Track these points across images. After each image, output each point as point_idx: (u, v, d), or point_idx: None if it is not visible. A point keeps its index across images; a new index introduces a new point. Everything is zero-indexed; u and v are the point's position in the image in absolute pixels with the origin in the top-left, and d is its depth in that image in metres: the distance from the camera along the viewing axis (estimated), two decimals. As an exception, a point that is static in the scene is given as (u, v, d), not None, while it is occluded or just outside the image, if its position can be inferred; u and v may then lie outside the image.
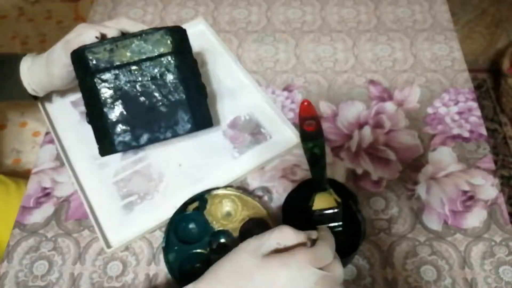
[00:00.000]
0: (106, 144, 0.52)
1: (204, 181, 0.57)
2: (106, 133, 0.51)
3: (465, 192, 0.55)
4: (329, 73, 0.68)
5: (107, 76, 0.50)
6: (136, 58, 0.50)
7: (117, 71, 0.50)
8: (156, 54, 0.51)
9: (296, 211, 0.48)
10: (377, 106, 0.64)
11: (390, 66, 0.68)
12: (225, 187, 0.54)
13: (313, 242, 0.37)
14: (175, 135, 0.52)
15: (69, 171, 0.57)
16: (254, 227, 0.52)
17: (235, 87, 0.66)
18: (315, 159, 0.41)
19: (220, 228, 0.51)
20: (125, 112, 0.51)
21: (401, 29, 0.73)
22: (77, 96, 0.65)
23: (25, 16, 1.69)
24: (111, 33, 0.52)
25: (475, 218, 0.53)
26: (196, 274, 0.49)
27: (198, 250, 0.50)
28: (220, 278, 0.36)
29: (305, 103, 0.38)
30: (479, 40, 1.38)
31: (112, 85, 0.50)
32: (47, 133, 0.63)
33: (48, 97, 0.64)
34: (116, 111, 0.51)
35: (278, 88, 0.66)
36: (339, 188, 0.47)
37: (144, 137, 0.52)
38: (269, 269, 0.34)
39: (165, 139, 0.53)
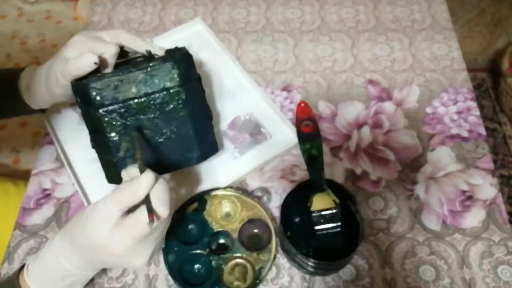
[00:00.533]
0: (113, 175, 0.51)
1: (206, 182, 0.57)
2: (113, 166, 0.50)
3: (464, 192, 0.55)
4: (328, 73, 0.68)
5: (112, 111, 0.47)
6: (142, 93, 0.47)
7: (122, 107, 0.47)
8: (163, 88, 0.48)
9: (295, 212, 0.48)
10: (376, 106, 0.64)
11: (389, 65, 0.68)
12: (225, 188, 0.54)
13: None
14: (183, 167, 0.51)
15: (70, 174, 0.57)
16: (253, 227, 0.52)
17: (234, 87, 0.66)
18: (313, 160, 0.42)
19: (220, 229, 0.52)
20: (131, 147, 0.49)
21: (400, 29, 0.73)
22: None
23: (25, 16, 1.69)
24: (110, 50, 0.48)
25: (473, 218, 0.53)
26: (196, 274, 0.49)
27: (198, 251, 0.50)
28: (79, 251, 0.41)
29: (302, 105, 0.38)
30: (478, 39, 1.38)
31: (118, 121, 0.48)
32: (47, 134, 0.63)
33: None
34: (122, 146, 0.49)
35: (277, 88, 0.66)
36: (337, 189, 0.47)
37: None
38: (115, 243, 0.38)
39: (171, 171, 0.52)
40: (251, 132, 0.61)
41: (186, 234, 0.52)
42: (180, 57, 0.48)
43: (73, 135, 0.62)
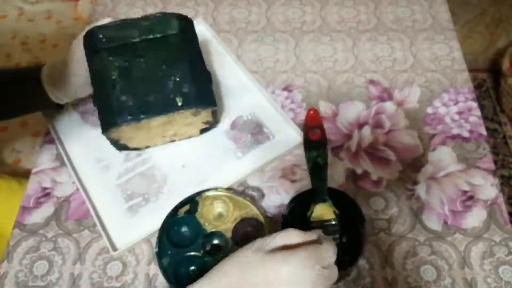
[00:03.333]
0: (109, 118, 0.51)
1: (208, 182, 0.57)
2: (109, 106, 0.51)
3: (464, 192, 0.55)
4: (329, 73, 0.68)
5: (115, 51, 0.52)
6: (144, 37, 0.52)
7: (125, 48, 0.52)
8: (164, 35, 0.53)
9: (296, 221, 0.47)
10: (377, 106, 0.64)
11: (390, 66, 0.68)
12: (215, 188, 0.54)
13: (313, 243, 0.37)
14: (179, 108, 0.52)
15: (72, 174, 0.57)
16: (247, 226, 0.52)
17: (236, 87, 0.66)
18: (318, 168, 0.41)
19: (213, 230, 0.51)
20: (131, 87, 0.52)
21: (401, 29, 0.73)
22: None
23: (25, 16, 1.69)
24: None
25: (474, 218, 0.53)
26: (191, 277, 0.49)
27: (192, 253, 0.50)
28: (224, 272, 0.37)
29: (312, 112, 0.37)
30: (479, 40, 1.38)
31: (119, 62, 0.52)
32: (47, 133, 0.63)
33: None
34: (122, 86, 0.52)
35: (278, 88, 0.66)
36: (350, 206, 0.47)
37: (148, 109, 0.52)
38: (272, 264, 0.35)
39: (169, 112, 0.52)
40: (254, 132, 0.61)
41: (180, 236, 0.51)
42: (183, 16, 0.55)
43: (75, 134, 0.62)
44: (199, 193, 0.54)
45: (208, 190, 0.54)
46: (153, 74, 0.52)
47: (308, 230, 0.46)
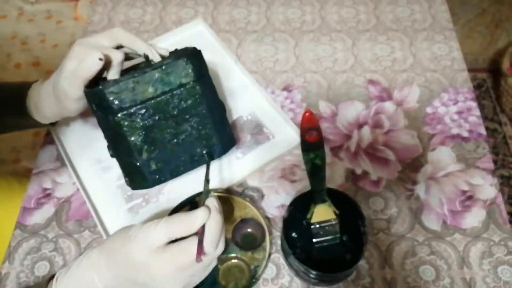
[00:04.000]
0: (138, 180, 0.50)
1: (210, 183, 0.56)
2: (137, 170, 0.50)
3: (464, 192, 0.55)
4: (329, 73, 0.68)
5: (132, 114, 0.47)
6: (159, 92, 0.47)
7: (142, 108, 0.47)
8: (179, 85, 0.48)
9: (297, 222, 0.47)
10: (376, 106, 0.64)
11: (390, 65, 0.68)
12: (215, 189, 0.54)
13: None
14: (205, 163, 0.51)
15: (72, 176, 0.57)
16: (246, 227, 0.52)
17: (236, 87, 0.66)
18: (316, 169, 0.41)
19: None
20: (156, 148, 0.49)
21: (401, 29, 0.73)
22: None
23: (25, 16, 1.70)
24: (118, 57, 0.47)
25: (474, 218, 0.53)
26: None
27: None
28: (116, 269, 0.39)
29: (307, 114, 0.37)
30: (479, 39, 1.38)
31: (139, 123, 0.47)
32: (48, 134, 0.63)
33: None
34: (146, 149, 0.48)
35: (278, 88, 0.66)
36: (350, 205, 0.47)
37: (178, 170, 0.51)
38: (154, 267, 0.37)
39: (198, 167, 0.52)
40: (254, 132, 0.61)
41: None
42: (192, 53, 0.49)
43: (75, 135, 0.62)
44: (199, 194, 0.54)
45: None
46: (176, 132, 0.49)
47: (310, 232, 0.46)
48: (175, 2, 0.79)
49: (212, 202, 0.40)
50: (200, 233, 0.38)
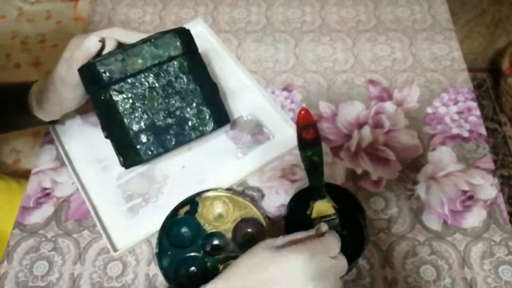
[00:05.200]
0: (131, 155, 0.51)
1: (208, 182, 0.57)
2: (129, 144, 0.50)
3: (464, 192, 0.55)
4: (329, 73, 0.68)
5: (123, 86, 0.49)
6: (149, 64, 0.49)
7: (132, 80, 0.49)
8: (168, 58, 0.50)
9: (297, 219, 0.48)
10: (376, 106, 0.64)
11: (390, 65, 0.68)
12: (215, 189, 0.54)
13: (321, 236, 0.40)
14: (200, 135, 0.52)
15: (72, 175, 0.57)
16: (246, 226, 0.52)
17: (236, 87, 0.66)
18: (314, 166, 0.41)
19: (213, 230, 0.51)
20: (147, 120, 0.50)
21: (401, 29, 0.73)
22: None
23: (25, 16, 1.69)
24: (109, 43, 0.50)
25: (474, 218, 0.53)
26: (191, 277, 0.49)
27: (192, 254, 0.50)
28: (238, 271, 0.38)
29: (303, 112, 0.37)
30: (479, 39, 1.38)
31: (129, 95, 0.49)
32: (47, 133, 0.63)
33: None
34: (137, 121, 0.50)
35: (278, 88, 0.66)
36: (350, 200, 0.47)
37: (170, 142, 0.51)
38: (282, 258, 0.36)
39: (191, 140, 0.52)
40: (254, 132, 0.61)
41: (179, 237, 0.51)
42: (181, 30, 0.51)
43: (75, 134, 0.62)
44: (199, 194, 0.54)
45: (208, 190, 0.54)
46: (166, 104, 0.50)
47: (310, 228, 0.46)
48: (175, 2, 0.79)
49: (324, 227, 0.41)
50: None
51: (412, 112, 0.63)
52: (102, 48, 0.50)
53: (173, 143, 0.52)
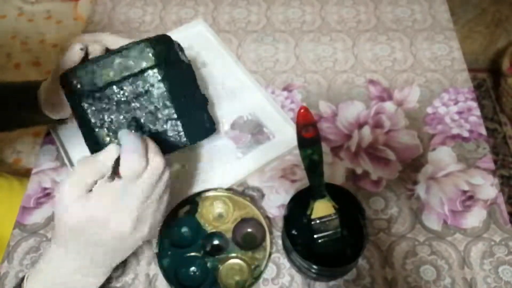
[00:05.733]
0: None
1: (208, 182, 0.57)
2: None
3: (464, 192, 0.55)
4: (329, 73, 0.68)
5: (92, 98, 0.47)
6: (119, 77, 0.47)
7: (102, 92, 0.47)
8: (139, 70, 0.47)
9: (297, 219, 0.48)
10: (376, 106, 0.64)
11: (390, 65, 0.68)
12: (215, 188, 0.54)
13: None
14: (172, 149, 0.50)
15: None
16: (246, 226, 0.52)
17: (236, 87, 0.66)
18: (314, 165, 0.41)
19: (213, 230, 0.52)
20: (116, 134, 0.48)
21: (401, 29, 0.73)
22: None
23: (25, 16, 1.69)
24: (94, 49, 0.49)
25: (474, 218, 0.53)
26: (191, 277, 0.49)
27: (192, 254, 0.50)
28: (69, 244, 0.39)
29: (302, 110, 0.37)
30: (479, 39, 1.38)
31: (99, 107, 0.47)
32: (47, 133, 0.63)
33: None
34: (108, 133, 0.48)
35: (278, 88, 0.66)
36: (349, 199, 0.47)
37: None
38: (92, 207, 0.36)
39: (165, 154, 0.51)
40: (254, 132, 0.61)
41: (180, 237, 0.51)
42: (156, 39, 0.48)
43: (75, 134, 0.62)
44: (199, 194, 0.54)
45: (208, 190, 0.54)
46: (138, 117, 0.48)
47: (310, 228, 0.46)
48: (175, 2, 0.79)
49: (124, 130, 0.40)
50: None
51: (412, 112, 0.63)
52: (86, 55, 0.49)
53: None
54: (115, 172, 0.36)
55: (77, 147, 0.61)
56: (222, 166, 0.58)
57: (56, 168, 0.60)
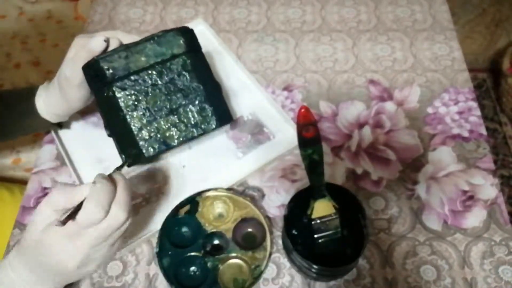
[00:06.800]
0: (134, 152, 0.51)
1: (208, 182, 0.57)
2: (132, 141, 0.50)
3: (465, 192, 0.55)
4: (329, 73, 0.68)
5: (125, 83, 0.49)
6: (152, 62, 0.49)
7: (135, 77, 0.49)
8: (171, 56, 0.50)
9: (297, 219, 0.48)
10: (377, 106, 0.64)
11: (390, 65, 0.68)
12: (216, 188, 0.54)
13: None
14: (202, 133, 0.52)
15: (72, 175, 0.57)
16: (247, 226, 0.52)
17: (236, 87, 0.66)
18: (314, 165, 0.41)
19: (213, 230, 0.51)
20: (149, 117, 0.50)
21: (401, 29, 0.73)
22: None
23: (25, 16, 1.69)
24: (113, 42, 0.50)
25: (474, 218, 0.53)
26: (191, 277, 0.49)
27: (192, 253, 0.50)
28: (26, 256, 0.40)
29: (303, 110, 0.37)
30: (479, 39, 1.38)
31: (132, 92, 0.49)
32: (47, 133, 0.63)
33: None
34: (139, 117, 0.50)
35: (278, 88, 0.66)
36: (350, 199, 0.47)
37: (173, 139, 0.51)
38: (47, 239, 0.38)
39: (193, 138, 0.52)
40: (254, 132, 0.61)
41: (180, 237, 0.51)
42: (183, 29, 0.51)
43: (75, 134, 0.62)
44: (199, 193, 0.54)
45: (208, 190, 0.54)
46: (169, 101, 0.51)
47: (311, 228, 0.46)
48: (175, 2, 0.79)
49: (100, 174, 0.40)
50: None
51: (413, 112, 0.63)
52: (106, 48, 0.50)
53: (176, 140, 0.52)
54: (76, 210, 0.37)
55: (77, 146, 0.61)
56: (222, 166, 0.58)
57: (56, 167, 0.60)
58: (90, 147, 0.60)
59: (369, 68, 0.68)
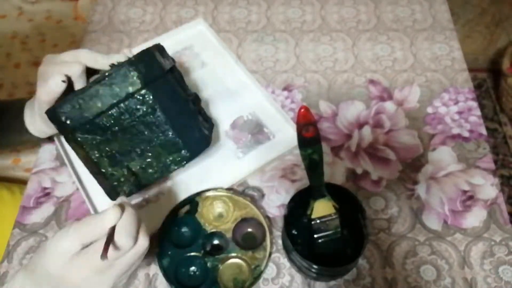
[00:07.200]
0: (114, 194, 0.50)
1: (209, 182, 0.56)
2: (110, 184, 0.49)
3: (465, 191, 0.55)
4: (329, 73, 0.68)
5: (86, 131, 0.46)
6: (108, 105, 0.45)
7: (94, 124, 0.46)
8: (126, 95, 0.45)
9: (297, 219, 0.48)
10: (377, 105, 0.64)
11: (390, 65, 0.68)
12: (215, 188, 0.54)
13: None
14: (179, 166, 0.51)
15: (72, 175, 0.57)
16: (247, 226, 0.52)
17: (236, 87, 0.66)
18: (314, 165, 0.41)
19: (213, 230, 0.51)
20: (120, 159, 0.48)
21: (401, 29, 0.73)
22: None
23: (25, 16, 1.69)
24: (75, 71, 0.47)
25: (474, 218, 0.53)
26: (191, 277, 0.49)
27: (192, 253, 0.50)
28: (39, 285, 0.39)
29: (302, 109, 0.37)
30: (479, 39, 1.38)
31: (96, 139, 0.47)
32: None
33: None
34: (109, 163, 0.48)
35: (278, 87, 0.66)
36: (349, 199, 0.47)
37: (152, 176, 0.50)
38: (73, 273, 0.37)
39: (171, 172, 0.51)
40: (254, 132, 0.61)
41: (180, 237, 0.51)
42: (137, 58, 0.46)
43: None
44: (199, 193, 0.54)
45: (208, 190, 0.54)
46: (136, 142, 0.48)
47: (311, 228, 0.46)
48: (175, 1, 0.79)
49: (122, 199, 0.40)
50: (109, 233, 0.37)
51: (413, 112, 0.63)
52: (70, 84, 0.48)
53: (152, 178, 0.51)
54: (109, 239, 0.36)
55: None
56: (222, 166, 0.58)
57: (56, 167, 0.60)
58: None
59: (369, 68, 0.68)
